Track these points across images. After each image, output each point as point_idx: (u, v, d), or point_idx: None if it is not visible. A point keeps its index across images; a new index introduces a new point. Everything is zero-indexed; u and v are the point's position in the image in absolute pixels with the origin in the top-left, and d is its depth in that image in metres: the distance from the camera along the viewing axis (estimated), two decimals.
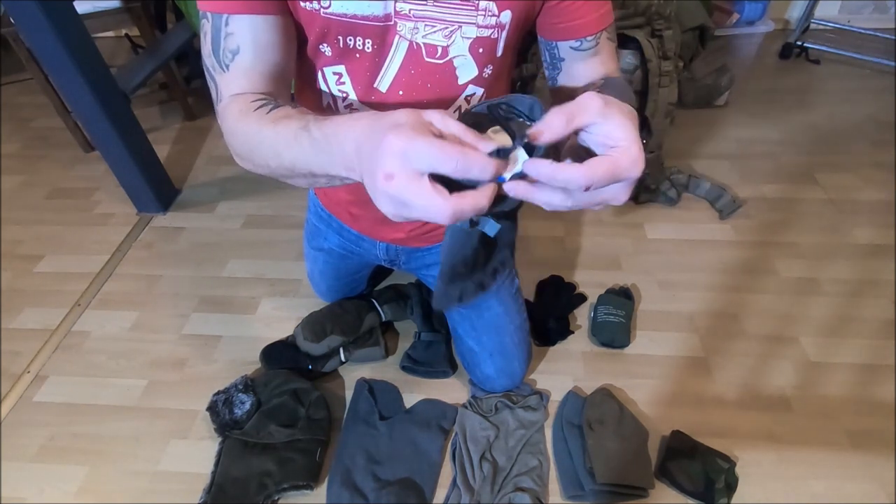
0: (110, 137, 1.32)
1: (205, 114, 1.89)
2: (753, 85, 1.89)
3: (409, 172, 0.34)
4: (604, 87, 0.56)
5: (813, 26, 2.05)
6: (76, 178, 1.65)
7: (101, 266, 1.34)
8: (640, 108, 1.31)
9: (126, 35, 2.22)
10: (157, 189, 1.47)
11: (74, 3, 1.17)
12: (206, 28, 0.55)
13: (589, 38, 0.64)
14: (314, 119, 0.47)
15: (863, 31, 2.00)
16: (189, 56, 1.97)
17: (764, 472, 0.90)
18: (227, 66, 0.56)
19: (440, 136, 0.36)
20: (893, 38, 1.90)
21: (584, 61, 0.65)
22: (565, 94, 0.68)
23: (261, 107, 0.52)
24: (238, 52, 0.55)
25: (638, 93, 1.29)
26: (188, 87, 1.98)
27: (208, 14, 0.54)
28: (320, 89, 0.68)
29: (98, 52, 1.24)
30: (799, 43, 2.01)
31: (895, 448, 0.92)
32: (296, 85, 0.73)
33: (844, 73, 1.93)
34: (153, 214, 1.49)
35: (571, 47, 0.65)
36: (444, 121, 0.37)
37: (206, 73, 0.58)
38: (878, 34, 1.96)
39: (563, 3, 0.62)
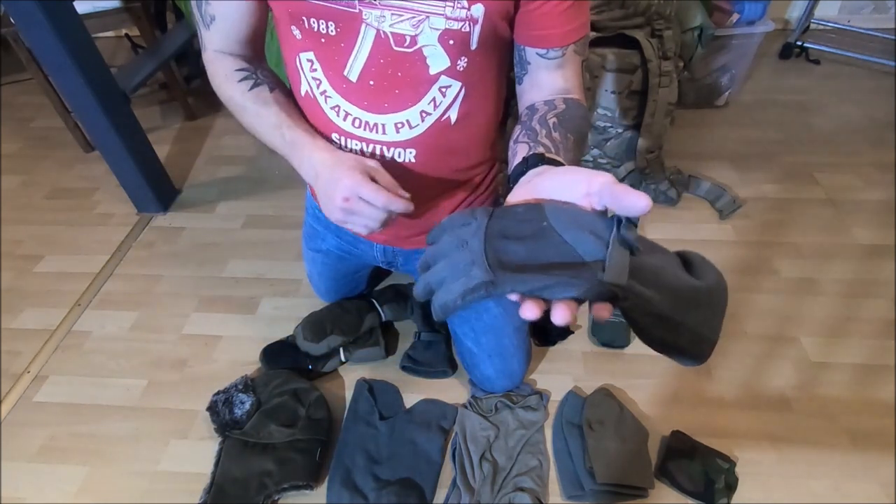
0: (110, 137, 1.32)
1: (205, 114, 1.89)
2: (753, 85, 1.89)
3: (357, 200, 0.60)
4: (561, 117, 0.61)
5: (813, 26, 2.05)
6: (76, 178, 1.65)
7: (101, 266, 1.34)
8: (640, 108, 1.31)
9: (126, 35, 2.22)
10: (157, 189, 1.47)
11: (74, 3, 1.18)
12: None
13: (555, 49, 0.65)
14: (287, 123, 0.67)
15: (863, 31, 2.00)
16: (189, 56, 1.97)
17: (764, 472, 0.90)
18: (209, 27, 0.68)
19: (374, 179, 0.61)
20: (893, 38, 1.90)
21: (548, 71, 0.66)
22: (526, 101, 0.70)
23: (243, 79, 0.68)
24: (215, 19, 0.67)
25: (638, 93, 1.29)
26: (188, 87, 1.98)
27: None
28: (300, 77, 0.70)
29: (98, 52, 1.24)
30: (799, 43, 2.01)
31: (895, 448, 0.92)
32: (286, 71, 0.74)
33: (844, 73, 1.93)
34: (153, 214, 1.49)
35: (538, 54, 0.66)
36: (378, 171, 0.62)
37: (193, 19, 0.74)
38: (878, 34, 1.96)
39: (536, 11, 0.61)
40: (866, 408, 0.98)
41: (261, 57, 0.75)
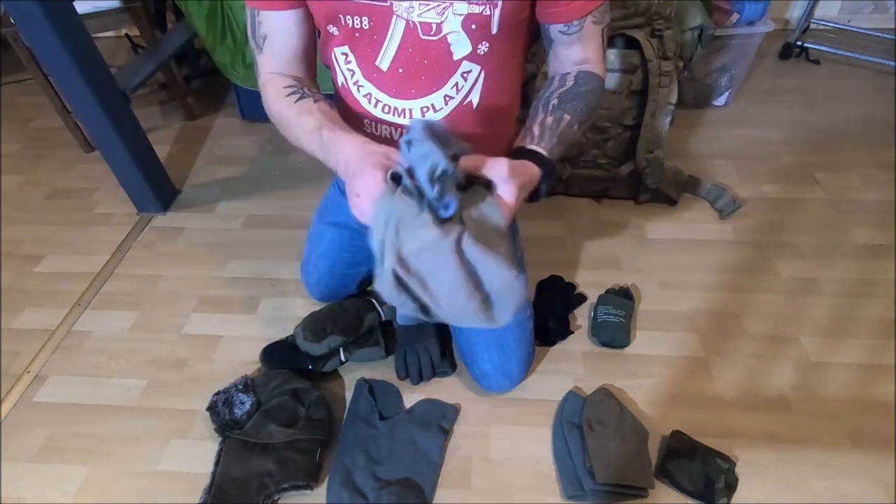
0: (110, 137, 1.32)
1: (205, 114, 1.89)
2: (753, 85, 1.89)
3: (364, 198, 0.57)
4: (564, 96, 0.71)
5: (813, 26, 2.05)
6: (76, 178, 1.65)
7: (101, 266, 1.34)
8: (640, 108, 1.31)
9: (126, 35, 2.22)
10: (157, 189, 1.47)
11: (74, 3, 1.18)
12: (247, 15, 0.73)
13: (575, 23, 0.70)
14: (326, 123, 0.67)
15: (863, 31, 2.00)
16: (189, 56, 1.97)
17: (764, 472, 0.91)
18: (262, 49, 0.74)
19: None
20: (893, 38, 1.90)
21: (568, 45, 0.73)
22: (550, 71, 0.79)
23: (290, 94, 0.72)
24: (267, 38, 0.72)
25: (638, 93, 1.29)
26: (188, 87, 1.98)
27: (247, 5, 0.72)
28: (336, 69, 0.78)
29: (98, 52, 1.24)
30: (799, 43, 2.01)
31: (895, 448, 0.92)
32: (324, 66, 0.82)
33: (844, 73, 1.93)
34: (153, 214, 1.49)
35: (560, 31, 0.71)
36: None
37: (250, 49, 0.77)
38: (878, 34, 1.96)
39: None
40: (866, 408, 0.98)
41: (312, 78, 0.79)
